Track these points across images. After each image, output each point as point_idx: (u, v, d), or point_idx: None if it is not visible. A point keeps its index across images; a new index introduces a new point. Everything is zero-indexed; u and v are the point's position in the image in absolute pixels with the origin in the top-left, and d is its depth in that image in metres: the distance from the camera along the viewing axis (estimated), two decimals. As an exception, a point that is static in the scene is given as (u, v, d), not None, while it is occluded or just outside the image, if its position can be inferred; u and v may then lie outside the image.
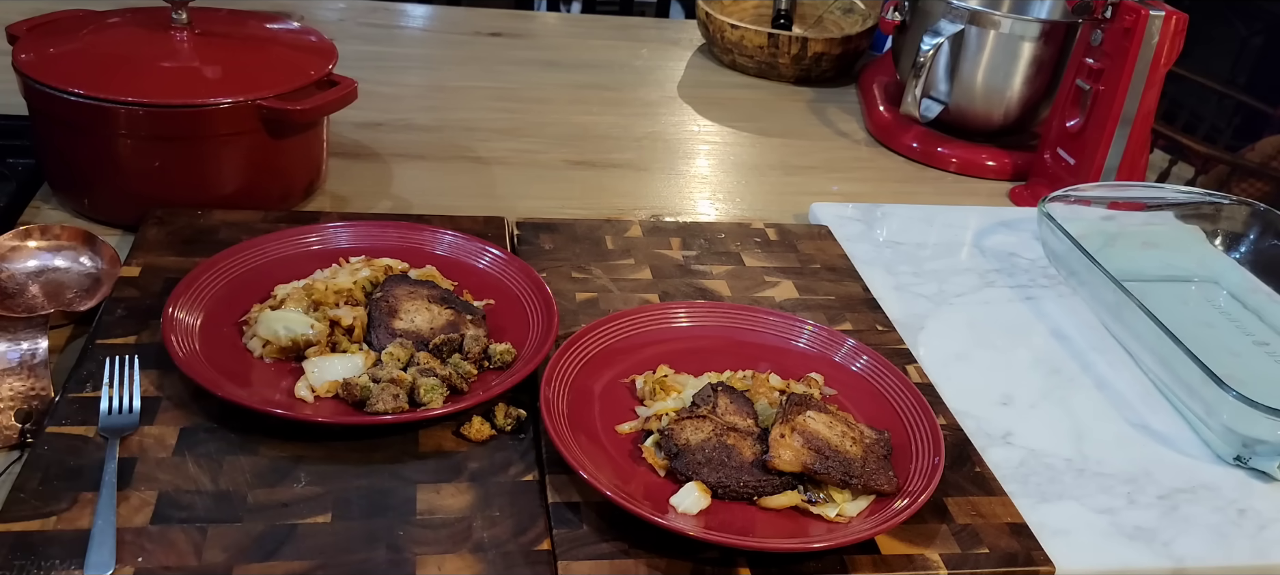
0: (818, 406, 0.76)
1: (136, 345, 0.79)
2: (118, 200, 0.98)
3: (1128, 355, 0.96)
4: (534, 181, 1.20)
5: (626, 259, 1.00)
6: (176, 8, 1.02)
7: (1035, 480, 0.79)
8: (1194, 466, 0.83)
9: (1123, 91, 1.19)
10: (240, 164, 1.00)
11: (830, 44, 1.56)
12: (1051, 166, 1.29)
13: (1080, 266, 0.97)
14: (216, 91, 0.95)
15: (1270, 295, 1.07)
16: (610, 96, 1.48)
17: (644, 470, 0.73)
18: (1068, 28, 1.29)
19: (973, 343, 0.96)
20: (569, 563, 0.65)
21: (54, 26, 1.02)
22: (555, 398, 0.76)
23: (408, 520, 0.67)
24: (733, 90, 1.57)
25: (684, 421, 0.75)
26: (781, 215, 1.18)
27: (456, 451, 0.74)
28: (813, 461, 0.71)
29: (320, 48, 1.07)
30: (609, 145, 1.33)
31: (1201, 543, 0.75)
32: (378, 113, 1.30)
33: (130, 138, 0.94)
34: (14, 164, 1.04)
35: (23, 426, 0.73)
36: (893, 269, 1.06)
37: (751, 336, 0.88)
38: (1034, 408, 0.88)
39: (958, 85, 1.35)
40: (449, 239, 0.95)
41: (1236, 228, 1.13)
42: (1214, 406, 0.82)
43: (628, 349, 0.84)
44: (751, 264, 1.02)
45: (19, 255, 0.90)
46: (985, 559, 0.70)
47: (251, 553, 0.63)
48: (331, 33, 1.13)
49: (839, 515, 0.71)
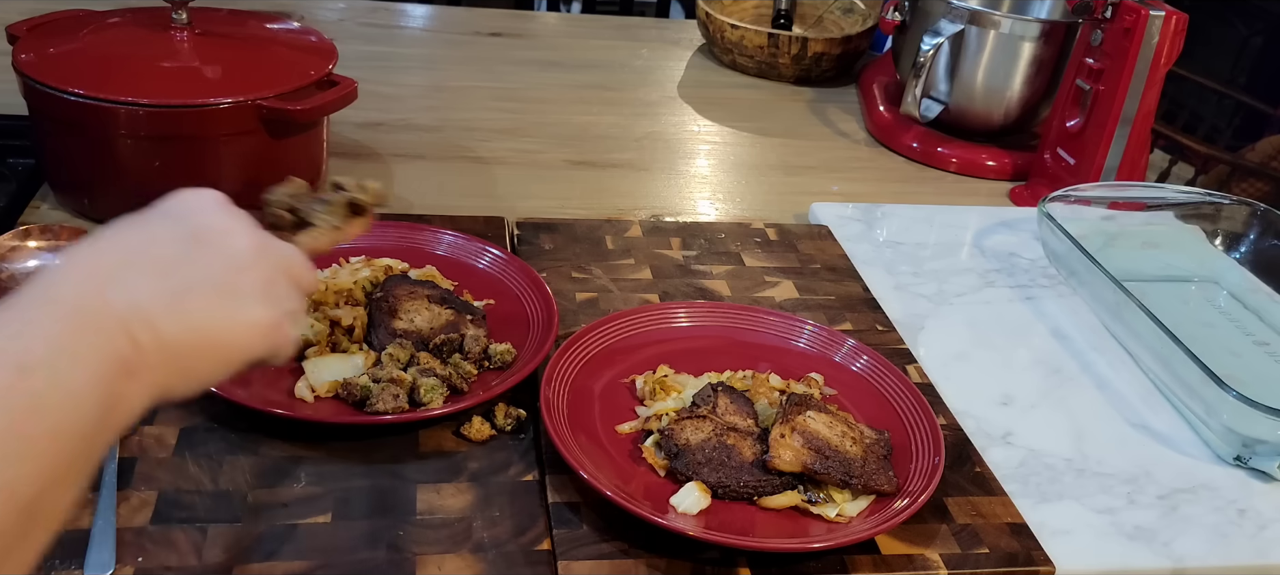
0: (818, 406, 0.76)
1: (136, 345, 0.79)
2: (118, 200, 0.97)
3: (1128, 355, 0.96)
4: (534, 181, 1.20)
5: (626, 259, 1.00)
6: (176, 8, 1.02)
7: (1035, 480, 0.79)
8: (1194, 466, 0.83)
9: (1123, 91, 1.19)
10: (240, 164, 0.99)
11: (830, 44, 1.56)
12: (1051, 166, 1.29)
13: (1080, 266, 0.97)
14: (216, 91, 0.95)
15: (1270, 295, 1.07)
16: (610, 96, 1.48)
17: (644, 470, 0.73)
18: (1068, 28, 1.29)
19: (973, 343, 0.96)
20: (569, 563, 0.65)
21: (54, 26, 1.02)
22: (555, 398, 0.76)
23: (408, 520, 0.67)
24: (733, 90, 1.57)
25: (684, 421, 0.75)
26: (781, 215, 1.18)
27: (456, 451, 0.74)
28: (813, 461, 0.71)
29: (320, 48, 1.07)
30: (609, 145, 1.33)
31: (1201, 543, 0.75)
32: (378, 113, 1.30)
33: (130, 138, 0.94)
34: (14, 164, 1.04)
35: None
36: (893, 269, 1.06)
37: (751, 336, 0.88)
38: (1034, 408, 0.88)
39: (958, 85, 1.35)
40: (449, 239, 0.95)
41: (1236, 228, 1.13)
42: (1214, 406, 0.82)
43: (628, 349, 0.84)
44: (751, 264, 1.02)
45: (19, 255, 0.90)
46: (985, 559, 0.70)
47: (252, 553, 0.63)
48: (331, 33, 1.13)
49: (839, 515, 0.71)
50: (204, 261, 0.50)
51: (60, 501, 0.41)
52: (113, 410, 0.43)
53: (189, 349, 0.48)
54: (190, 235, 0.51)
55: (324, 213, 0.67)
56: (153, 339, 0.45)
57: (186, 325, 0.47)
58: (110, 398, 0.43)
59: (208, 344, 0.49)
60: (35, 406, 0.39)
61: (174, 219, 0.52)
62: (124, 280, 0.46)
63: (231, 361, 0.51)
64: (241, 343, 0.51)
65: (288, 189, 0.68)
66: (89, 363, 0.42)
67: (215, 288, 0.50)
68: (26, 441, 0.38)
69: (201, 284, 0.49)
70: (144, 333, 0.45)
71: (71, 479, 0.41)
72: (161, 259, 0.49)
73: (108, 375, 0.43)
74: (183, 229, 0.51)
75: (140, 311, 0.45)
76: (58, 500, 0.40)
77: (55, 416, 0.40)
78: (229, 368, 0.51)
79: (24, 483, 0.38)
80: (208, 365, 0.50)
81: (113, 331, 0.44)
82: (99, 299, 0.44)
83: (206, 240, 0.51)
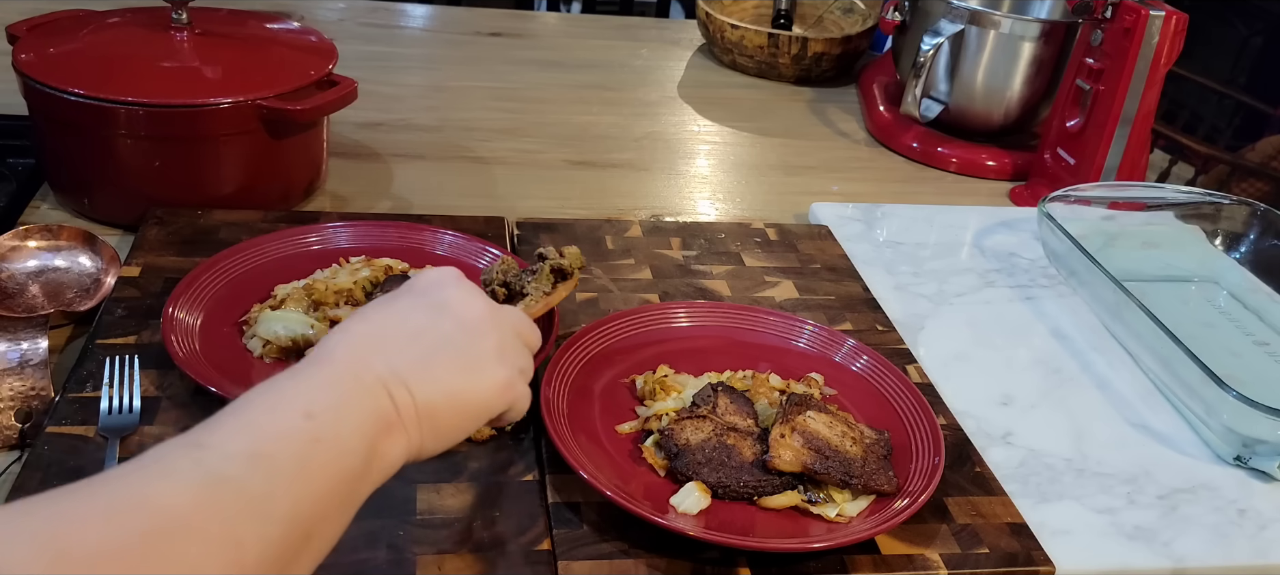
0: (818, 406, 0.76)
1: (136, 345, 0.79)
2: (118, 200, 0.98)
3: (1128, 355, 0.96)
4: (534, 181, 1.20)
5: (626, 259, 1.00)
6: (176, 8, 1.02)
7: (1035, 480, 0.79)
8: (1194, 466, 0.83)
9: (1123, 91, 1.19)
10: (240, 164, 1.00)
11: (830, 44, 1.56)
12: (1051, 166, 1.29)
13: (1080, 266, 0.97)
14: (216, 91, 0.95)
15: (1270, 295, 1.07)
16: (610, 96, 1.48)
17: (644, 470, 0.73)
18: (1068, 28, 1.29)
19: (973, 343, 0.96)
20: (569, 563, 0.65)
21: (54, 26, 1.02)
22: (555, 398, 0.76)
23: (408, 520, 0.67)
24: (733, 90, 1.57)
25: (684, 421, 0.75)
26: (781, 215, 1.18)
27: (456, 451, 0.73)
28: (813, 461, 0.71)
29: (320, 48, 1.07)
30: (609, 145, 1.33)
31: (1201, 543, 0.75)
32: (378, 113, 1.30)
33: (130, 138, 0.94)
34: (14, 164, 1.04)
35: (23, 427, 0.73)
36: (893, 269, 1.06)
37: (751, 336, 0.88)
38: (1034, 408, 0.88)
39: (958, 85, 1.35)
40: (449, 239, 0.95)
41: (1236, 228, 1.13)
42: (1214, 406, 0.82)
43: (628, 349, 0.84)
44: (751, 264, 1.02)
45: (19, 255, 0.90)
46: (985, 559, 0.70)
47: (251, 553, 0.63)
48: (331, 33, 1.13)
49: (839, 515, 0.71)
50: (447, 330, 0.56)
51: (327, 533, 0.47)
52: (374, 460, 0.50)
53: (438, 408, 0.54)
54: (433, 307, 0.58)
55: (533, 282, 0.77)
56: (408, 399, 0.52)
57: (436, 387, 0.54)
58: (372, 449, 0.49)
59: (454, 402, 0.55)
60: (316, 447, 0.46)
61: (418, 294, 0.59)
62: (383, 349, 0.53)
63: (476, 417, 0.57)
64: (483, 399, 0.57)
65: (500, 266, 0.79)
66: (357, 417, 0.49)
67: (458, 352, 0.56)
68: (309, 473, 0.45)
69: (446, 349, 0.56)
70: (401, 393, 0.52)
71: (337, 515, 0.48)
72: (412, 330, 0.55)
73: (372, 430, 0.50)
74: (427, 302, 0.58)
75: (398, 375, 0.52)
76: (326, 531, 0.47)
77: (330, 456, 0.47)
78: (474, 423, 0.57)
79: (305, 504, 0.45)
80: (454, 421, 0.55)
81: (377, 392, 0.51)
82: (365, 364, 0.52)
83: (447, 311, 0.58)
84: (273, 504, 0.43)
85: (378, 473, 0.50)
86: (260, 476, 0.43)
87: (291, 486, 0.44)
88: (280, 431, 0.46)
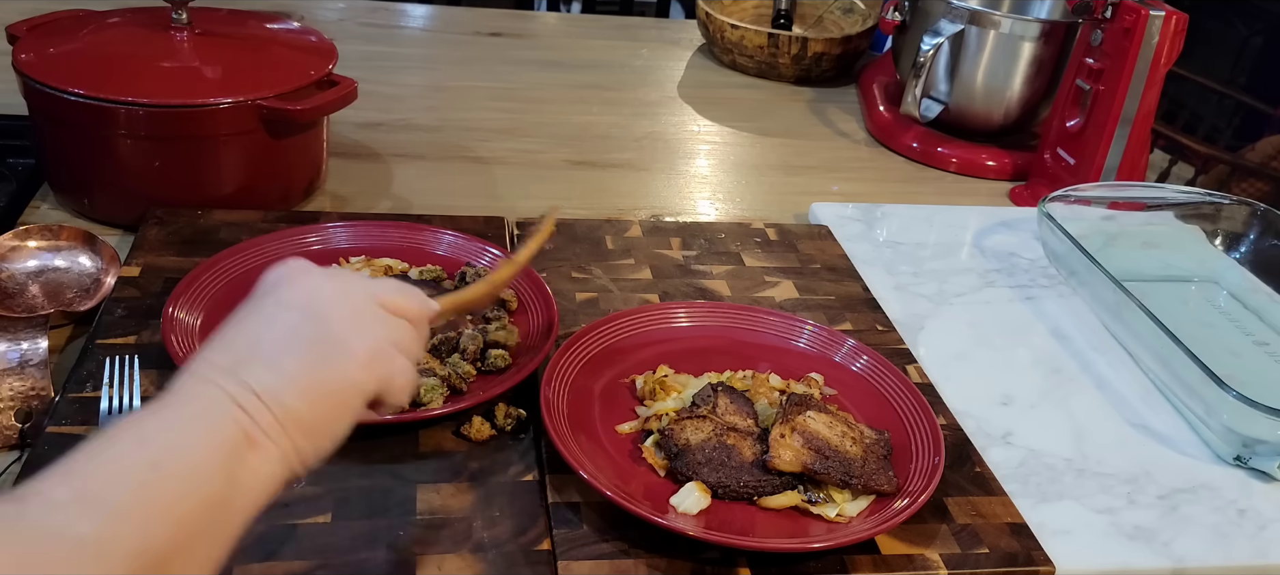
0: (818, 406, 0.76)
1: (136, 345, 0.79)
2: (118, 200, 0.98)
3: (1128, 355, 0.96)
4: (534, 181, 1.20)
5: (626, 259, 1.00)
6: (176, 8, 1.02)
7: (1035, 480, 0.79)
8: (1194, 466, 0.83)
9: (1123, 91, 1.19)
10: (240, 164, 1.00)
11: (830, 44, 1.56)
12: (1051, 166, 1.29)
13: (1080, 266, 0.97)
14: (216, 91, 0.95)
15: (1270, 295, 1.07)
16: (610, 96, 1.48)
17: (644, 470, 0.73)
18: (1068, 28, 1.29)
19: (973, 343, 0.96)
20: (569, 563, 0.65)
21: (54, 26, 1.02)
22: (555, 398, 0.76)
23: (408, 520, 0.67)
24: (733, 90, 1.57)
25: (684, 421, 0.75)
26: (781, 215, 1.18)
27: (456, 451, 0.74)
28: (813, 461, 0.71)
29: (320, 48, 1.07)
30: (609, 145, 1.33)
31: (1201, 543, 0.75)
32: (378, 113, 1.30)
33: (130, 138, 0.94)
34: (14, 164, 1.04)
35: (23, 427, 0.73)
36: (893, 269, 1.06)
37: (751, 336, 0.88)
38: (1034, 408, 0.88)
39: (958, 85, 1.35)
40: (449, 239, 0.95)
41: (1236, 228, 1.13)
42: (1214, 406, 0.82)
43: (628, 349, 0.84)
44: (751, 264, 1.02)
45: (19, 255, 0.90)
46: (985, 559, 0.70)
47: (251, 553, 0.63)
48: (331, 33, 1.13)
49: (839, 515, 0.71)
50: (292, 323, 0.53)
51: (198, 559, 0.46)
52: (237, 481, 0.48)
53: (299, 408, 0.51)
54: (276, 305, 0.54)
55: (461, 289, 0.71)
56: (262, 409, 0.49)
57: (291, 387, 0.51)
58: (231, 471, 0.47)
59: (314, 397, 0.52)
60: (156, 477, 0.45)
61: (260, 296, 0.55)
62: (232, 364, 0.50)
63: (346, 404, 0.54)
64: (344, 383, 0.53)
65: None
66: (202, 440, 0.47)
67: (307, 343, 0.53)
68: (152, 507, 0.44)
69: (293, 344, 0.52)
70: (253, 405, 0.49)
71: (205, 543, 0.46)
72: (252, 337, 0.53)
73: (226, 450, 0.48)
74: (269, 303, 0.55)
75: (247, 387, 0.49)
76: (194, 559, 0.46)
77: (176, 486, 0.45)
78: (348, 411, 0.54)
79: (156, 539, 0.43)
80: (323, 416, 0.52)
81: (223, 410, 0.49)
82: (208, 384, 0.49)
83: (290, 305, 0.54)
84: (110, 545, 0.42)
85: (249, 492, 0.48)
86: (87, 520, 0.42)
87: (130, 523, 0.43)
88: (110, 471, 0.44)
